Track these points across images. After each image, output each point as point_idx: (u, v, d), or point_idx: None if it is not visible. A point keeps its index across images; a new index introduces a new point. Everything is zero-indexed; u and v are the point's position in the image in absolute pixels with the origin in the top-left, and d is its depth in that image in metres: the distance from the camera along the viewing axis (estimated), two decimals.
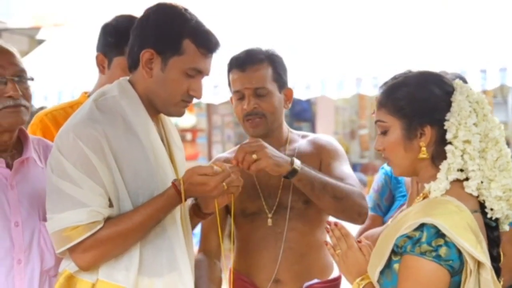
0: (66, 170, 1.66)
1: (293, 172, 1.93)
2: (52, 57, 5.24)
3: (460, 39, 4.34)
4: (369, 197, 2.30)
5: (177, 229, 1.76)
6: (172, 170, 1.77)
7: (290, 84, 2.17)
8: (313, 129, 7.44)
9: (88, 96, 2.07)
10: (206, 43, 1.74)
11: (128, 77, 1.79)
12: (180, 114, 1.78)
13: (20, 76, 1.82)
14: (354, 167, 7.07)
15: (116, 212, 1.70)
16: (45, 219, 1.76)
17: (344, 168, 2.10)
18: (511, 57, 4.16)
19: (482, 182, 1.51)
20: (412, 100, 1.52)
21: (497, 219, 1.54)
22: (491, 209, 1.52)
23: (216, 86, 4.58)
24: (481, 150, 1.51)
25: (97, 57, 2.19)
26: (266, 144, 1.92)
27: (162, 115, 1.84)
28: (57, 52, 5.30)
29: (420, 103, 1.52)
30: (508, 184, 1.51)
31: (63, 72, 5.06)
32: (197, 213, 1.87)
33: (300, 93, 4.50)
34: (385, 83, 1.58)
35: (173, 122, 1.90)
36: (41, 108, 6.07)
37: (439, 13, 4.60)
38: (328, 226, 1.65)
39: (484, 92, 4.50)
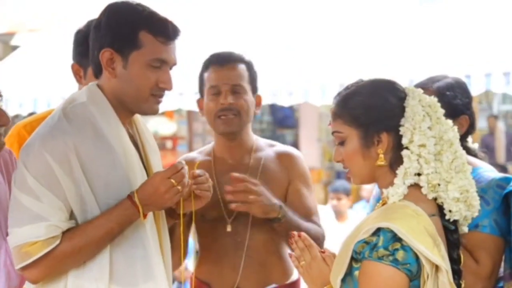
0: (27, 183, 1.62)
1: (277, 220, 2.02)
2: (27, 64, 5.16)
3: (445, 44, 4.31)
4: (369, 204, 2.29)
5: (153, 237, 1.71)
6: (144, 174, 1.73)
7: (273, 90, 2.18)
8: (296, 137, 7.38)
9: None
10: (163, 31, 1.70)
11: (96, 82, 1.75)
12: (153, 110, 1.73)
13: None
14: (338, 175, 7.02)
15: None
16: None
17: (311, 199, 2.16)
18: (496, 63, 4.12)
19: (439, 185, 1.52)
20: (367, 108, 1.54)
21: (456, 222, 1.55)
22: (450, 211, 1.53)
23: (197, 92, 4.51)
24: (436, 152, 1.53)
25: (72, 67, 2.15)
26: (263, 190, 1.98)
27: (135, 119, 1.80)
28: (33, 58, 5.21)
29: (374, 111, 1.54)
30: (465, 185, 1.53)
31: (38, 79, 4.96)
32: (170, 214, 1.82)
33: (283, 100, 4.44)
34: (339, 94, 1.60)
35: (149, 129, 1.86)
36: (16, 116, 5.95)
37: (423, 19, 4.58)
38: (292, 238, 1.65)
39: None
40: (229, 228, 2.07)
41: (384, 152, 1.52)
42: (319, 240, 2.03)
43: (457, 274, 1.53)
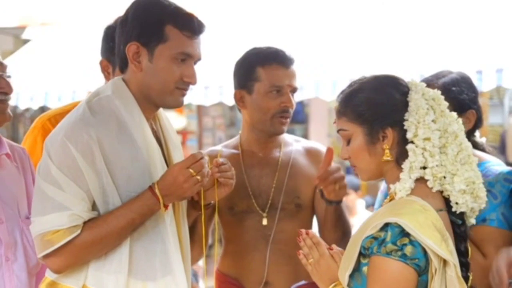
0: (51, 172, 1.65)
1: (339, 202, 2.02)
2: (38, 57, 5.17)
3: (456, 40, 4.28)
4: (377, 199, 2.29)
5: (172, 232, 1.73)
6: (165, 169, 1.74)
7: None
8: (306, 132, 7.36)
9: None
10: (189, 26, 1.72)
11: (122, 76, 1.77)
12: (177, 103, 1.75)
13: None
14: (348, 170, 7.01)
15: None
16: (24, 217, 1.78)
17: None
18: (507, 58, 4.09)
19: (445, 177, 1.52)
20: (370, 104, 1.54)
21: (463, 215, 1.56)
22: (456, 203, 1.53)
23: (207, 87, 4.53)
24: (441, 145, 1.53)
25: (101, 63, 2.15)
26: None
27: (159, 114, 1.82)
28: (44, 52, 5.23)
29: (378, 107, 1.54)
30: (470, 177, 1.53)
31: (49, 73, 4.97)
32: (194, 206, 1.83)
33: None
34: (342, 92, 1.61)
35: (170, 121, 1.87)
36: (27, 110, 5.98)
37: (434, 14, 4.55)
38: (300, 236, 1.65)
39: (480, 93, 4.43)
40: (265, 222, 2.07)
41: (389, 148, 1.53)
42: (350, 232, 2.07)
43: (464, 266, 1.53)
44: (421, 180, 1.52)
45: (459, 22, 4.41)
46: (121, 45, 1.73)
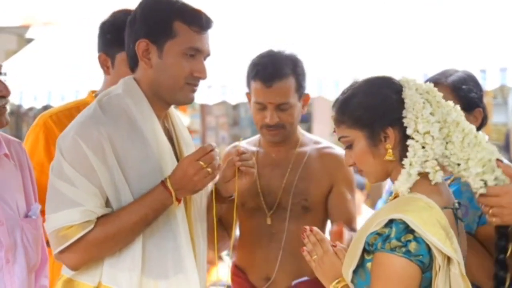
0: (64, 170, 1.67)
1: None
2: (42, 56, 5.17)
3: (459, 38, 4.28)
4: (382, 199, 2.30)
5: (184, 229, 1.73)
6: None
7: None
8: (309, 130, 7.36)
9: (95, 95, 2.05)
10: (197, 21, 1.74)
11: (132, 75, 1.78)
12: (188, 99, 1.75)
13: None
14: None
15: None
16: (23, 216, 1.79)
17: (353, 204, 2.14)
18: (511, 57, 4.08)
19: (459, 165, 1.52)
20: (367, 107, 1.55)
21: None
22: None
23: (210, 86, 4.52)
24: (445, 136, 1.53)
25: (99, 58, 2.14)
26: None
27: (171, 113, 1.82)
28: (47, 51, 5.23)
29: (375, 109, 1.54)
30: (484, 156, 1.52)
31: (53, 72, 4.97)
32: (216, 198, 1.83)
33: None
34: (336, 100, 1.60)
35: (182, 120, 1.88)
36: (30, 109, 5.98)
37: (437, 13, 4.55)
38: (304, 233, 1.65)
39: (484, 92, 4.42)
40: (269, 221, 2.09)
41: (392, 147, 1.53)
42: None
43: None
44: (425, 177, 1.52)
45: (463, 21, 4.40)
46: (130, 43, 1.74)
